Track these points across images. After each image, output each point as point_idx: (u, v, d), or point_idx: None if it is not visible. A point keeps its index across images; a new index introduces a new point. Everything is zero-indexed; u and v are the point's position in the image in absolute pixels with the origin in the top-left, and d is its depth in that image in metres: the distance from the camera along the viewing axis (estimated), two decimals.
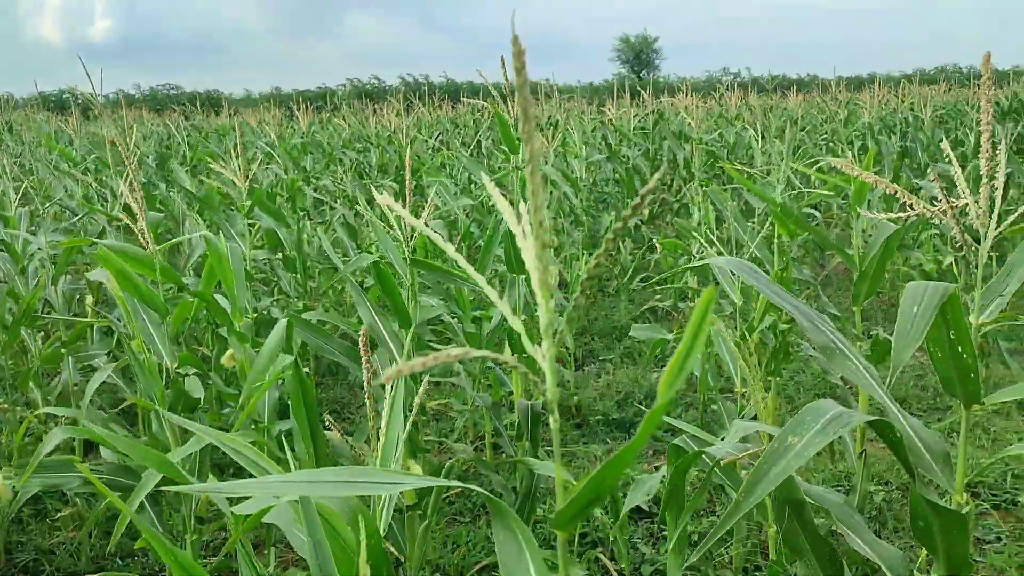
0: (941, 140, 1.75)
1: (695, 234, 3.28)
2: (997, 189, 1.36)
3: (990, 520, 3.63)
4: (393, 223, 2.60)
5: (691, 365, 0.66)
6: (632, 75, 50.36)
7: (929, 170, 7.02)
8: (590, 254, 7.71)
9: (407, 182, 2.61)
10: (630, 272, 7.13)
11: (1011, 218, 1.36)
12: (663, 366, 5.76)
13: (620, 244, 7.89)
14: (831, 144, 8.90)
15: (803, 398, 4.94)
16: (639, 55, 64.96)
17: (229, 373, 3.70)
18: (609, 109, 9.46)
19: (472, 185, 8.08)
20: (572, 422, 4.99)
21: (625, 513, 2.74)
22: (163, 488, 1.49)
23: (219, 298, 3.19)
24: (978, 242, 1.36)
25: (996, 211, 1.37)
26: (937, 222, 1.49)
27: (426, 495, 2.74)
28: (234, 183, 4.68)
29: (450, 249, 0.77)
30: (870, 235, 3.37)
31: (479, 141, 10.88)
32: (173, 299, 3.82)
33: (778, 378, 3.65)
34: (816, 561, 1.57)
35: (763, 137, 9.08)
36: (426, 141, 10.37)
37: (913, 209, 1.38)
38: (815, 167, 5.24)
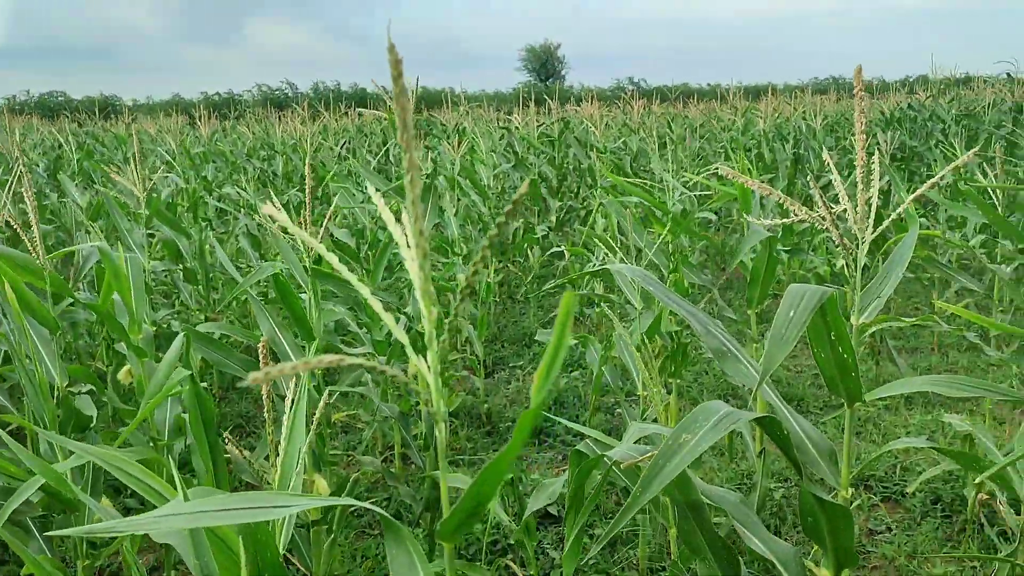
0: (822, 150, 1.83)
1: (596, 241, 3.33)
2: (872, 195, 1.43)
3: (881, 512, 3.79)
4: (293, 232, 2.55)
5: (558, 369, 0.67)
6: (539, 84, 50.86)
7: (819, 177, 7.32)
8: (500, 262, 7.75)
9: (307, 190, 2.57)
10: (530, 277, 7.18)
11: (885, 223, 1.43)
12: (573, 371, 5.83)
13: (529, 252, 7.95)
14: (729, 152, 9.17)
15: (707, 399, 5.06)
16: (544, 64, 65.70)
17: (127, 389, 3.57)
18: (515, 117, 9.53)
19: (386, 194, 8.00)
20: (482, 429, 4.99)
21: (532, 518, 2.75)
22: (53, 513, 1.42)
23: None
24: (857, 246, 1.42)
25: (872, 216, 1.43)
26: (829, 226, 1.56)
27: (331, 510, 2.69)
28: (132, 192, 4.52)
29: (333, 260, 0.76)
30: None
31: (387, 150, 10.81)
32: (66, 314, 3.66)
33: (679, 380, 3.74)
34: (714, 560, 1.61)
35: (664, 145, 9.30)
36: (331, 149, 10.24)
37: (796, 215, 1.43)
38: (709, 175, 5.39)
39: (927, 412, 4.80)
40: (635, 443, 1.89)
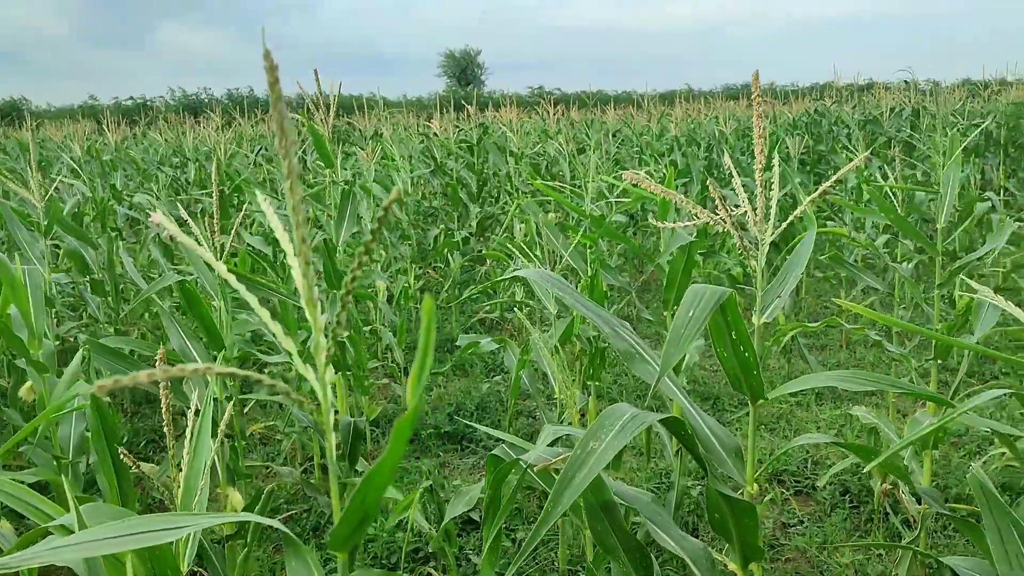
0: (723, 154, 1.88)
1: (509, 245, 3.34)
2: (772, 198, 1.47)
3: (793, 505, 3.90)
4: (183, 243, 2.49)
5: (427, 372, 0.67)
6: (459, 89, 50.85)
7: (730, 183, 7.49)
8: (420, 268, 7.71)
9: (215, 198, 2.51)
10: (449, 283, 7.17)
11: (782, 225, 1.48)
12: (495, 376, 5.84)
13: (449, 257, 7.94)
14: (643, 157, 9.34)
15: (626, 400, 5.13)
16: (464, 70, 65.74)
17: (30, 407, 3.43)
18: (433, 123, 9.51)
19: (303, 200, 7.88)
20: None
21: (452, 525, 2.74)
22: None
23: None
24: (757, 247, 1.46)
25: (772, 218, 1.48)
26: (730, 229, 1.60)
27: (247, 523, 2.63)
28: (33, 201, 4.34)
29: (221, 268, 0.74)
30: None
31: (304, 156, 10.66)
32: None
33: (598, 382, 3.78)
34: (628, 559, 1.63)
35: (582, 151, 9.40)
36: (246, 156, 10.04)
37: (699, 218, 1.46)
38: (623, 177, 5.46)
39: (836, 407, 4.96)
40: (549, 445, 1.90)
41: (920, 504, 2.77)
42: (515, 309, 6.59)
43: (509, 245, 3.33)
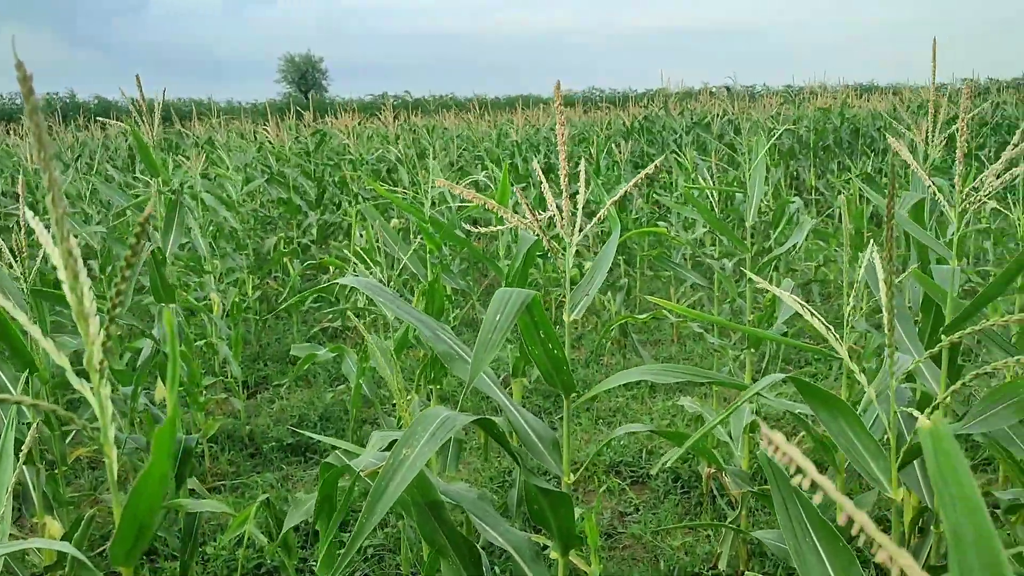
0: (532, 159, 1.95)
1: (347, 252, 3.33)
2: (579, 201, 1.55)
3: (630, 495, 4.07)
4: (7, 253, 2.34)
5: (178, 379, 0.68)
6: (299, 95, 49.72)
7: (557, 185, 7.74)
8: (260, 279, 7.50)
9: (21, 211, 2.37)
10: (286, 292, 7.02)
11: (588, 226, 1.56)
12: (338, 385, 5.77)
13: (289, 265, 7.76)
14: (484, 163, 9.48)
15: (470, 403, 5.19)
16: (305, 75, 64.38)
17: None
18: (269, 130, 9.28)
19: (126, 211, 7.50)
20: (245, 452, 4.82)
21: (291, 536, 2.70)
22: None
23: None
24: (565, 248, 1.54)
25: (578, 222, 1.55)
26: (538, 232, 1.66)
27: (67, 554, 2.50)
28: None
29: (6, 304, 0.72)
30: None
31: (133, 165, 10.16)
32: None
33: (439, 387, 3.81)
34: (456, 556, 1.67)
35: (423, 156, 9.43)
36: (67, 165, 9.46)
37: (509, 221, 1.52)
38: (466, 184, 5.54)
39: (668, 398, 5.20)
40: (381, 450, 1.92)
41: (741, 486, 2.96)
42: (356, 317, 6.54)
43: (346, 252, 3.31)
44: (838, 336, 1.42)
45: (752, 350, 3.20)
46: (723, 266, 4.30)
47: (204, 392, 4.56)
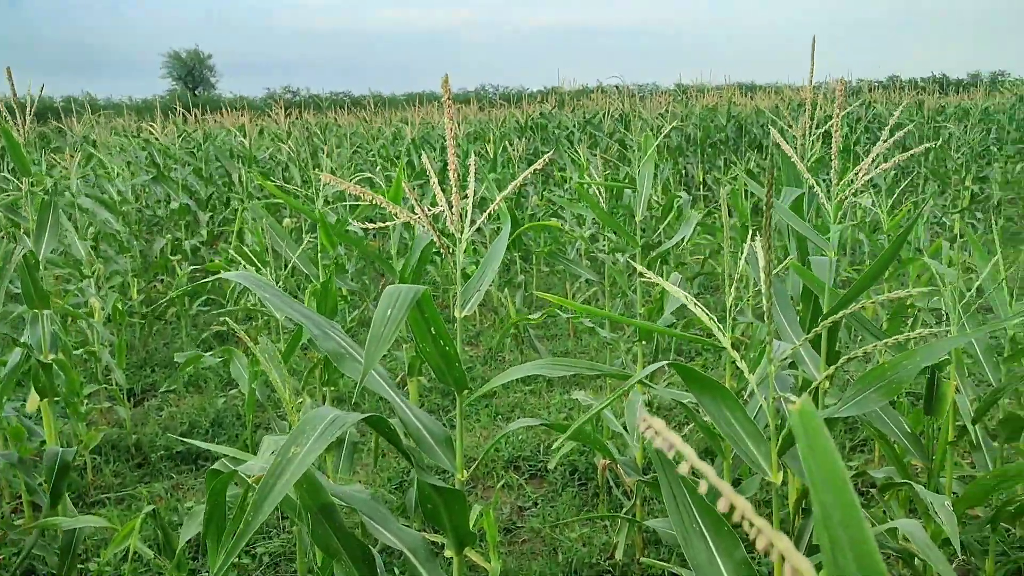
0: (422, 155, 1.96)
1: (232, 252, 3.23)
2: (468, 197, 1.55)
3: (528, 489, 4.11)
4: None
5: (12, 381, 0.65)
6: (186, 91, 48.08)
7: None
8: (146, 282, 7.22)
9: None
10: (171, 295, 6.79)
11: (479, 221, 1.55)
12: (231, 389, 5.60)
13: (178, 268, 7.50)
14: (379, 160, 9.38)
15: (366, 404, 5.13)
16: (192, 71, 62.32)
17: None
18: (151, 127, 8.93)
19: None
20: (132, 463, 4.63)
21: (178, 544, 2.61)
22: None
23: None
24: (455, 244, 1.53)
25: (468, 218, 1.55)
26: (428, 228, 1.65)
27: None
28: None
29: None
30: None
31: (3, 164, 9.62)
32: None
33: (334, 388, 3.75)
34: (349, 559, 1.65)
35: (316, 154, 9.25)
36: None
37: (398, 217, 1.51)
38: (360, 182, 5.46)
39: (565, 392, 5.27)
40: (271, 455, 1.87)
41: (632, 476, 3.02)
42: (248, 319, 6.37)
43: (232, 252, 3.21)
44: (720, 326, 1.46)
45: (643, 343, 3.27)
46: (615, 261, 4.37)
47: (85, 401, 4.36)
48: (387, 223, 1.52)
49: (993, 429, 2.54)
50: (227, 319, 2.17)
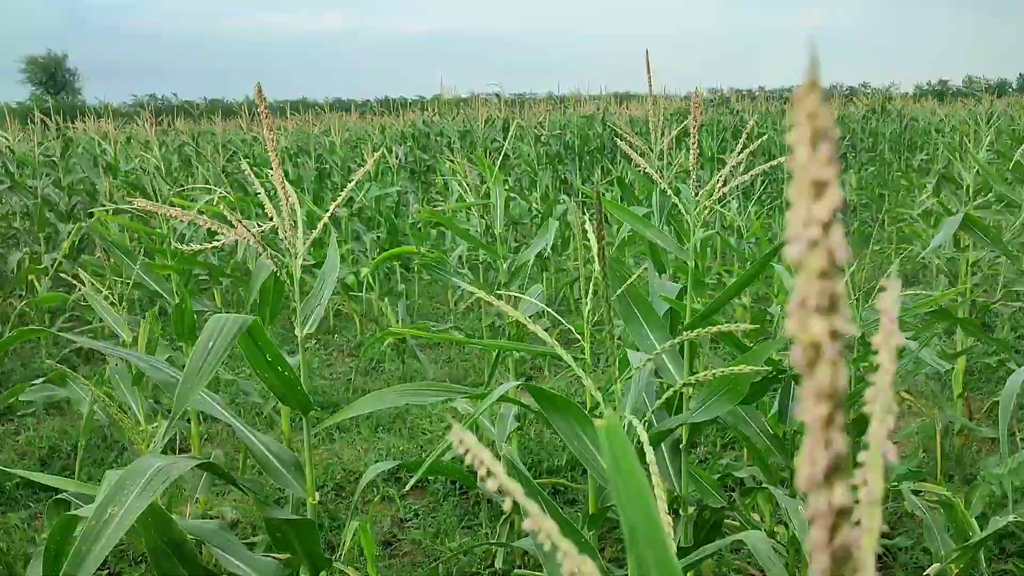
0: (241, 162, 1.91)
1: (80, 270, 3.07)
2: (298, 212, 1.51)
3: (410, 500, 4.06)
4: None
5: None
6: (47, 97, 45.61)
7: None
8: (2, 298, 6.79)
9: None
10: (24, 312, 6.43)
11: (314, 233, 1.51)
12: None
13: (36, 283, 7.09)
14: (256, 168, 9.11)
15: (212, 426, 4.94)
16: (53, 76, 59.24)
17: None
18: (6, 136, 8.41)
19: None
20: None
21: None
22: None
23: None
24: (292, 258, 1.49)
25: (300, 232, 1.51)
26: (256, 245, 1.59)
27: None
28: None
29: None
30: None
31: None
32: None
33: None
34: None
35: (189, 163, 8.93)
36: None
37: (225, 236, 1.45)
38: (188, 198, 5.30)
39: (448, 400, 5.24)
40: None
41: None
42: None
43: (79, 269, 3.05)
44: (557, 342, 1.47)
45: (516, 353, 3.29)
46: (494, 269, 4.39)
47: None
48: (212, 243, 1.44)
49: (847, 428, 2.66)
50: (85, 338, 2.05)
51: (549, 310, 1.56)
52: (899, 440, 4.49)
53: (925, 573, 2.22)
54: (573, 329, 1.74)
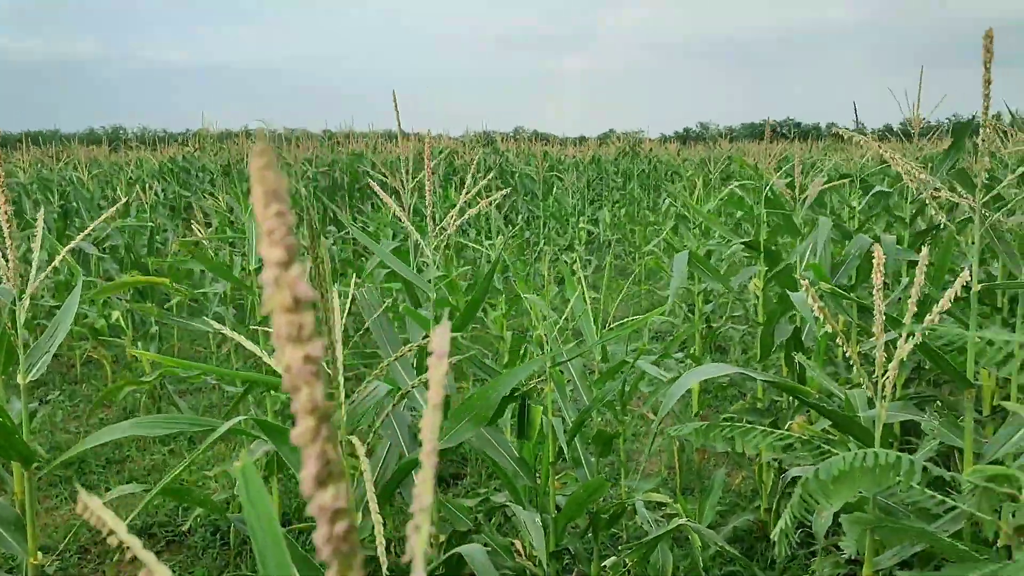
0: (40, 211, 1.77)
1: None
2: (35, 252, 1.43)
3: (165, 556, 3.84)
4: None
5: None
6: None
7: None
8: None
9: None
10: None
11: (43, 275, 1.44)
12: None
13: None
14: None
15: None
16: None
17: None
18: None
19: None
20: None
21: None
22: None
23: None
24: (15, 301, 1.40)
25: (34, 272, 1.43)
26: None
27: None
28: None
29: None
30: None
31: None
32: None
33: None
34: None
35: None
36: None
37: None
38: None
39: (207, 452, 5.01)
40: None
41: None
42: None
43: None
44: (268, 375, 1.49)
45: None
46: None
47: None
48: None
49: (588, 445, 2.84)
50: None
51: (257, 347, 1.57)
52: (649, 458, 4.84)
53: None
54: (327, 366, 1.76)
